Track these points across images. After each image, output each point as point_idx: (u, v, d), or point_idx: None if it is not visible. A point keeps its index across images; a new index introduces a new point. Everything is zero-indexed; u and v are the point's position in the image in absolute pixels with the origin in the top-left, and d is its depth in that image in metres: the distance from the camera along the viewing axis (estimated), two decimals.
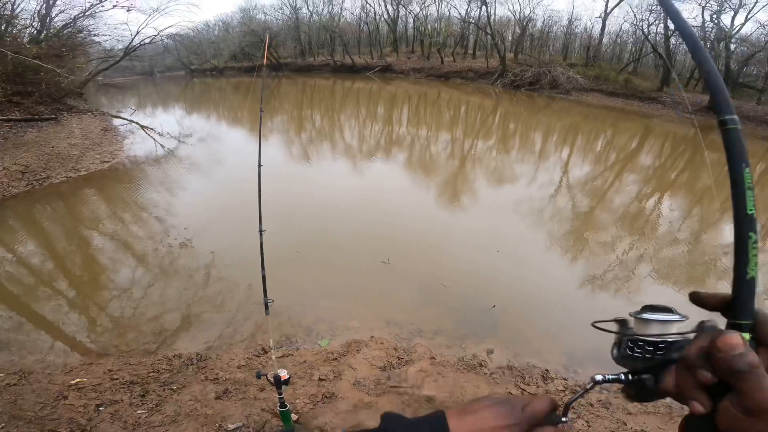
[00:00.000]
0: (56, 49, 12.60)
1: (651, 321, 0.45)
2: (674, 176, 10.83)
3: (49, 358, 3.55)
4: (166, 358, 3.41)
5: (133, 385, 3.08)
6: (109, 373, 3.23)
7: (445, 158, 10.86)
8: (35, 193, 7.10)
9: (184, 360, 3.36)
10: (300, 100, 23.75)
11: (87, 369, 3.31)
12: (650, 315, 0.45)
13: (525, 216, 6.96)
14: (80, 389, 3.04)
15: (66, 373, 3.23)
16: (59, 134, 10.16)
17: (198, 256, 5.15)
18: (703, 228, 7.22)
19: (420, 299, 4.20)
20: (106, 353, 3.61)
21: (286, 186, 8.10)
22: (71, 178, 7.72)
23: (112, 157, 8.97)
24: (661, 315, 0.45)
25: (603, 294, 4.76)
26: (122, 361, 3.42)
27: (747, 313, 0.41)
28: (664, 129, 17.08)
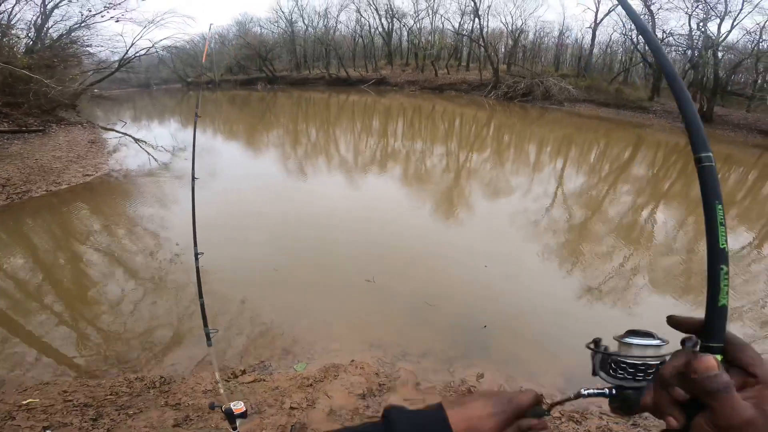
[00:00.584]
0: (47, 59, 12.48)
1: (633, 345, 0.49)
2: (668, 186, 10.75)
3: (4, 375, 3.34)
4: (127, 380, 3.18)
5: (86, 408, 2.86)
6: (63, 394, 3.01)
7: (438, 172, 10.75)
8: (13, 207, 6.88)
9: (146, 383, 3.12)
10: (295, 113, 23.75)
11: (42, 389, 3.09)
12: (632, 339, 0.49)
13: (519, 230, 6.78)
14: (30, 410, 2.83)
15: (19, 393, 3.03)
16: (44, 146, 9.97)
17: (170, 271, 4.95)
18: (698, 237, 7.11)
19: (406, 319, 3.96)
20: (64, 373, 3.40)
21: (270, 201, 7.95)
22: (51, 191, 7.51)
23: (96, 170, 8.77)
24: (642, 339, 0.48)
25: (600, 309, 4.54)
26: (80, 382, 3.19)
27: (719, 337, 0.45)
28: (656, 138, 17.14)
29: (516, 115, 22.05)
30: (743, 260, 6.28)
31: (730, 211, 8.80)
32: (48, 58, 12.70)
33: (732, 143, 16.35)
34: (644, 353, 0.48)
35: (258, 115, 23.17)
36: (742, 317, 4.60)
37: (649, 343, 0.48)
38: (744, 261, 6.27)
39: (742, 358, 0.44)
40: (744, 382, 0.42)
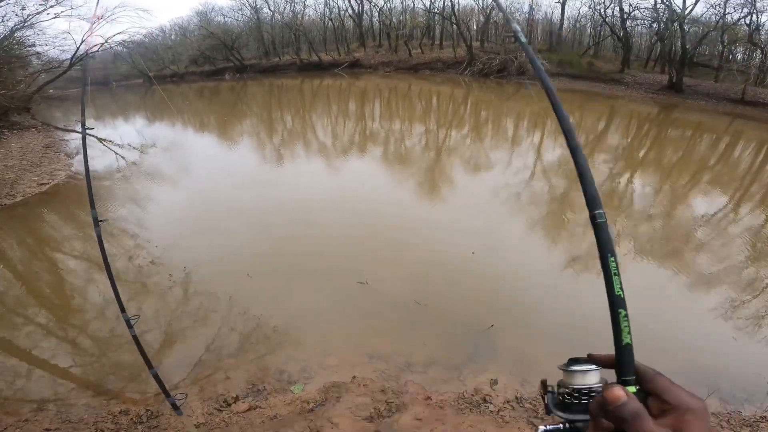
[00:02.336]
0: None
1: (574, 372, 0.52)
2: (643, 153, 10.90)
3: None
4: (112, 414, 2.90)
5: None
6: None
7: (420, 154, 10.45)
8: None
9: (131, 417, 2.84)
10: (268, 101, 22.88)
11: (22, 427, 2.82)
12: (574, 367, 0.52)
13: (518, 217, 6.52)
14: None
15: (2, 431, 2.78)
16: None
17: (150, 281, 4.59)
18: (674, 201, 7.25)
19: (405, 323, 3.72)
20: (43, 407, 3.07)
21: (248, 197, 7.56)
22: (5, 205, 6.88)
23: (52, 178, 8.10)
24: (582, 366, 0.52)
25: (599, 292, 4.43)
26: (61, 418, 2.91)
27: (629, 371, 0.50)
28: (629, 109, 17.39)
29: (492, 91, 21.98)
30: (719, 224, 6.40)
31: (704, 177, 8.99)
32: None
33: (703, 111, 16.72)
34: (585, 380, 0.51)
35: (229, 105, 22.21)
36: (723, 281, 4.68)
37: (587, 368, 0.52)
38: (720, 224, 6.39)
39: (654, 388, 0.48)
40: (662, 410, 0.46)
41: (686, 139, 13.04)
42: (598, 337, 2.98)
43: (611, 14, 24.93)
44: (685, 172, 9.25)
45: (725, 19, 19.20)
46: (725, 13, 19.14)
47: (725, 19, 19.19)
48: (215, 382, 3.16)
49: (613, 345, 0.51)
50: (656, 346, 3.50)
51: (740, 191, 8.14)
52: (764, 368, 3.31)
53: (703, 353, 3.56)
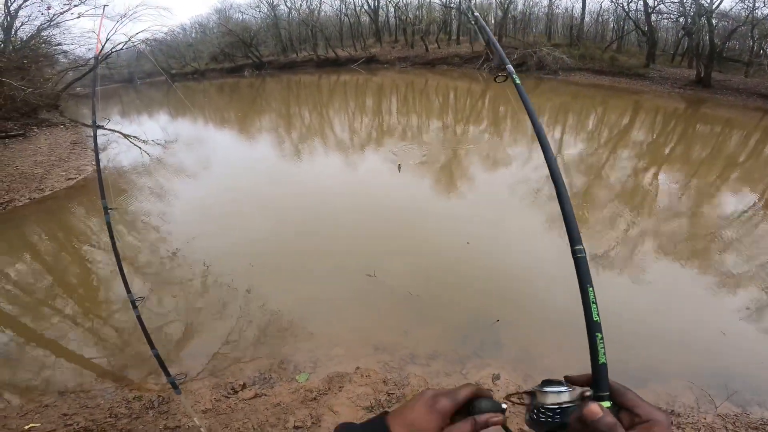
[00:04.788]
0: (15, 61, 11.89)
1: (547, 392, 0.57)
2: (669, 150, 10.51)
3: (6, 396, 3.24)
4: (125, 400, 3.02)
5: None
6: (63, 417, 2.89)
7: (436, 148, 10.36)
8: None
9: (144, 402, 2.96)
10: (286, 97, 23.14)
11: (42, 412, 2.97)
12: (546, 388, 0.57)
13: (527, 211, 6.42)
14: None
15: (21, 417, 2.91)
16: (25, 151, 9.60)
17: (174, 269, 4.74)
18: (701, 200, 6.97)
19: (412, 317, 3.73)
20: (64, 392, 3.22)
21: (264, 189, 7.69)
22: (35, 199, 7.21)
23: (78, 173, 8.43)
24: (554, 387, 0.57)
25: (619, 290, 4.28)
26: (78, 403, 3.05)
27: (604, 388, 0.56)
28: (655, 104, 16.77)
29: (510, 86, 21.42)
30: (747, 223, 6.14)
31: (732, 174, 8.60)
32: (17, 60, 12.08)
33: (732, 107, 15.99)
34: (557, 399, 0.56)
35: (248, 101, 22.55)
36: (749, 282, 4.51)
37: (559, 390, 0.57)
38: (748, 223, 6.12)
39: (625, 402, 0.54)
40: (632, 422, 0.52)
41: (715, 135, 12.50)
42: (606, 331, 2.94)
43: (635, 8, 24.04)
44: (714, 169, 8.87)
45: (755, 13, 18.37)
46: (755, 8, 18.31)
47: (755, 14, 18.36)
48: (225, 371, 3.25)
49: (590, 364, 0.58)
50: (677, 341, 3.50)
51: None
52: None
53: (722, 353, 3.47)
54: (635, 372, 3.15)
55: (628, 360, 3.21)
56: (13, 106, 11.75)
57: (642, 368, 3.20)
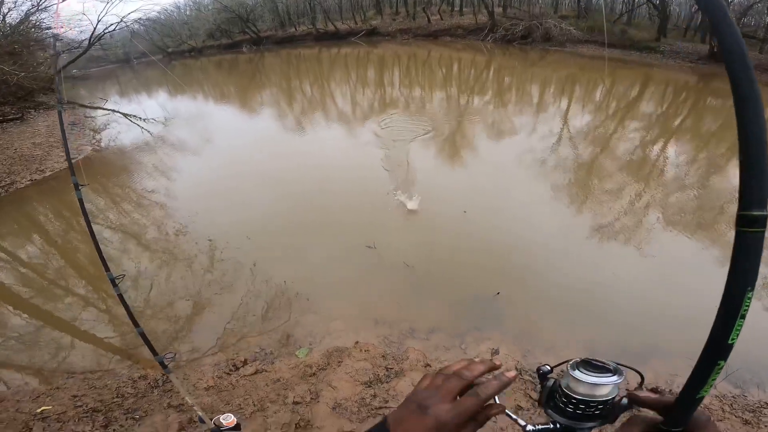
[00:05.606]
0: (6, 47, 11.67)
1: (581, 381, 0.46)
2: (679, 122, 10.22)
3: (18, 382, 3.32)
4: (132, 379, 3.09)
5: (96, 414, 2.81)
6: (73, 399, 2.96)
7: (439, 117, 10.11)
8: (2, 202, 6.64)
9: (149, 382, 3.03)
10: (286, 71, 22.66)
11: (53, 394, 3.05)
12: (583, 375, 0.47)
13: (529, 182, 6.29)
14: (45, 419, 2.80)
15: (33, 400, 3.00)
16: (23, 134, 9.54)
17: (177, 247, 4.76)
18: (709, 172, 6.81)
19: (412, 289, 3.72)
20: (72, 373, 3.31)
21: (265, 161, 7.62)
22: (36, 180, 7.21)
23: (78, 152, 8.38)
24: (593, 377, 0.46)
25: (625, 266, 4.16)
26: (87, 384, 3.12)
27: (683, 423, 0.43)
28: (665, 76, 16.24)
29: (516, 58, 20.91)
30: None
31: None
32: (7, 46, 11.85)
33: None
34: (593, 392, 0.46)
35: (248, 76, 22.15)
36: None
37: (599, 382, 0.46)
38: None
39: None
40: None
41: (727, 108, 12.09)
42: (608, 307, 2.88)
43: None
44: (725, 141, 8.63)
45: None
46: None
47: None
48: (229, 347, 3.28)
49: None
50: (681, 317, 3.37)
51: None
52: None
53: None
54: (636, 348, 3.11)
55: (629, 335, 3.17)
56: (8, 91, 11.57)
57: (643, 344, 3.15)
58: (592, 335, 3.17)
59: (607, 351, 3.02)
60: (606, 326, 3.24)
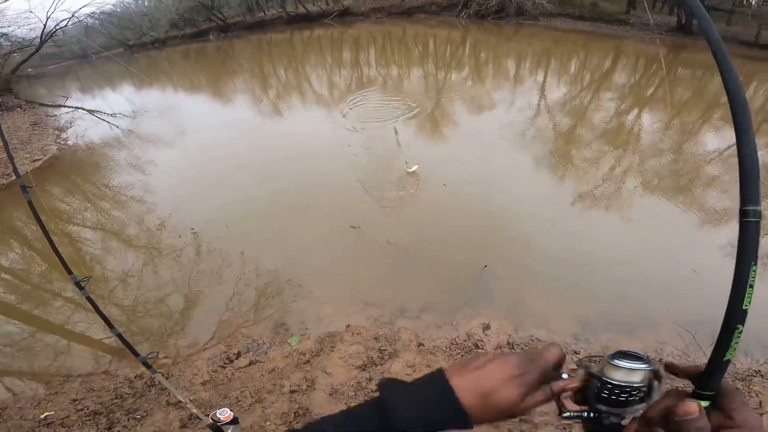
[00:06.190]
0: None
1: (619, 367, 0.49)
2: (651, 92, 10.42)
3: (16, 388, 3.30)
4: (128, 379, 3.07)
5: (98, 416, 2.82)
6: (74, 403, 2.96)
7: (417, 93, 10.01)
8: None
9: (146, 381, 3.01)
10: (258, 56, 21.96)
11: (53, 400, 3.04)
12: (620, 362, 0.49)
13: (510, 154, 6.32)
14: (49, 424, 2.83)
15: (35, 406, 3.00)
16: None
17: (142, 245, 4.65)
18: (683, 138, 7.01)
19: (400, 268, 3.72)
20: (69, 376, 3.27)
21: (243, 149, 7.46)
22: (3, 185, 6.88)
23: (44, 153, 8.00)
24: (629, 362, 0.49)
25: (609, 232, 4.22)
26: (85, 387, 3.11)
27: (714, 387, 0.47)
28: (636, 49, 16.47)
29: (491, 33, 20.87)
30: (730, 158, 6.19)
31: (716, 113, 8.62)
32: None
33: None
34: (629, 377, 0.48)
35: (218, 64, 21.37)
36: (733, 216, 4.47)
37: (636, 366, 0.49)
38: (731, 159, 6.19)
39: (728, 404, 0.46)
40: (721, 424, 0.45)
41: (696, 78, 12.38)
42: (595, 275, 2.94)
43: None
44: (696, 109, 8.86)
45: None
46: None
47: None
48: (222, 340, 3.26)
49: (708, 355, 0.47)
50: (665, 282, 3.44)
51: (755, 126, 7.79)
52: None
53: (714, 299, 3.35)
54: (624, 317, 3.12)
55: (617, 303, 3.19)
56: None
57: (631, 313, 3.15)
58: (582, 306, 3.21)
59: (597, 322, 3.09)
60: (594, 295, 3.29)
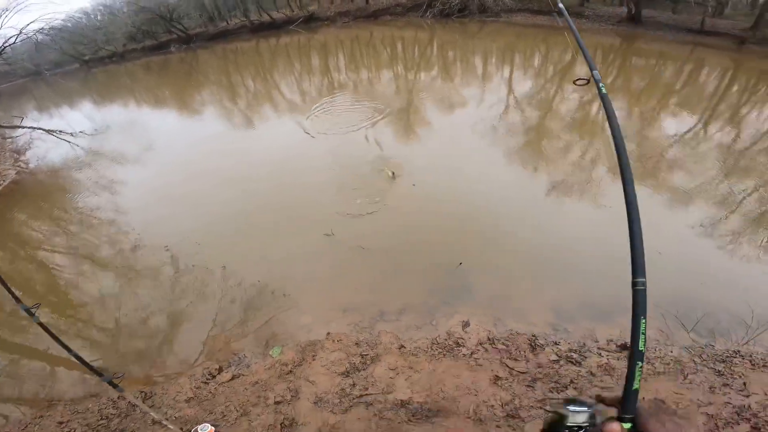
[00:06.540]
0: None
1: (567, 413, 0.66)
2: (611, 80, 10.88)
3: (4, 414, 3.23)
4: (111, 400, 3.03)
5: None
6: (60, 426, 2.91)
7: (389, 96, 10.05)
8: None
9: (129, 401, 2.93)
10: (224, 67, 21.57)
11: (39, 423, 2.99)
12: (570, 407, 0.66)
13: (480, 149, 6.40)
14: None
15: (22, 430, 2.95)
16: None
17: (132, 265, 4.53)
18: (644, 125, 7.31)
19: (377, 272, 3.75)
20: (53, 400, 3.22)
21: (213, 165, 7.31)
22: None
23: (2, 178, 7.65)
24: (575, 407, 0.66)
25: (581, 223, 4.26)
26: (69, 410, 3.04)
27: (630, 411, 0.65)
28: (593, 41, 17.09)
29: (456, 31, 21.23)
30: (690, 141, 6.52)
31: (672, 99, 9.07)
32: None
33: (663, 41, 16.57)
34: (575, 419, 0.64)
35: (183, 76, 20.87)
36: (701, 195, 4.71)
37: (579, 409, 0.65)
38: (692, 142, 6.51)
39: (645, 425, 0.62)
40: None
41: (650, 67, 13.01)
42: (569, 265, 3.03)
43: None
44: (653, 97, 9.29)
45: None
46: None
47: None
48: (202, 355, 3.22)
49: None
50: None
51: (708, 111, 8.24)
52: (748, 295, 3.09)
53: (685, 278, 3.39)
54: (600, 306, 3.14)
55: (592, 291, 3.22)
56: None
57: (606, 302, 3.15)
58: (558, 296, 3.26)
59: (574, 311, 3.11)
60: (569, 285, 3.33)
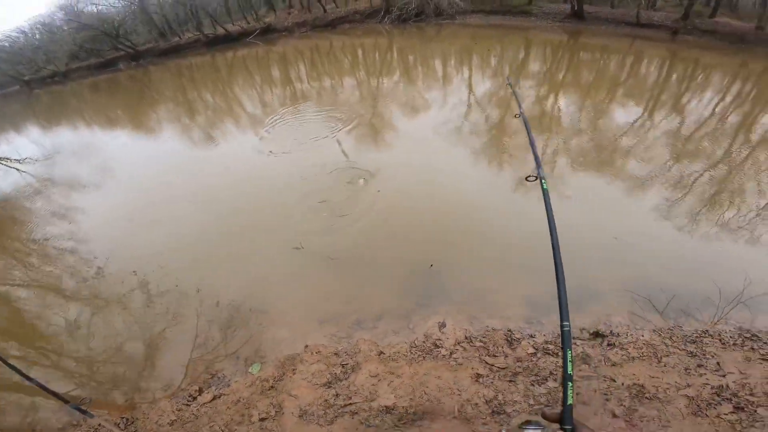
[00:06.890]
0: None
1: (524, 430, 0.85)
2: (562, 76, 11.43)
3: None
4: (92, 427, 2.83)
5: None
6: None
7: (353, 103, 10.10)
8: None
9: (108, 428, 2.75)
10: (179, 83, 20.86)
11: None
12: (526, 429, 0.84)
13: (443, 150, 6.54)
14: None
15: None
16: None
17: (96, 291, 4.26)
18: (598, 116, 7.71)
19: (350, 280, 3.76)
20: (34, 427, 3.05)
21: (175, 185, 7.12)
22: None
23: None
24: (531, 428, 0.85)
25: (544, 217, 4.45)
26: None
27: (569, 423, 0.84)
28: (543, 38, 17.94)
29: (414, 36, 21.67)
30: (639, 130, 6.92)
31: (619, 90, 9.64)
32: None
33: (604, 35, 17.67)
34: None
35: (135, 95, 20.00)
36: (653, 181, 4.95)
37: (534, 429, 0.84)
38: (640, 130, 6.91)
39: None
40: None
41: (596, 60, 13.80)
42: (539, 258, 3.12)
43: None
44: (602, 89, 9.82)
45: None
46: None
47: None
48: (181, 377, 3.07)
49: None
50: (602, 256, 3.55)
51: (653, 100, 8.80)
52: (715, 275, 3.19)
53: (646, 261, 3.49)
54: (572, 297, 3.24)
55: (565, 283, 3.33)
56: None
57: (578, 292, 3.21)
58: (530, 289, 3.34)
59: (547, 303, 3.20)
60: (540, 279, 3.39)
